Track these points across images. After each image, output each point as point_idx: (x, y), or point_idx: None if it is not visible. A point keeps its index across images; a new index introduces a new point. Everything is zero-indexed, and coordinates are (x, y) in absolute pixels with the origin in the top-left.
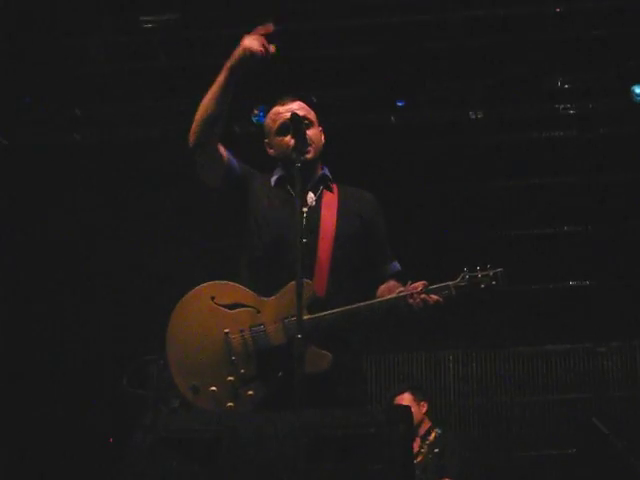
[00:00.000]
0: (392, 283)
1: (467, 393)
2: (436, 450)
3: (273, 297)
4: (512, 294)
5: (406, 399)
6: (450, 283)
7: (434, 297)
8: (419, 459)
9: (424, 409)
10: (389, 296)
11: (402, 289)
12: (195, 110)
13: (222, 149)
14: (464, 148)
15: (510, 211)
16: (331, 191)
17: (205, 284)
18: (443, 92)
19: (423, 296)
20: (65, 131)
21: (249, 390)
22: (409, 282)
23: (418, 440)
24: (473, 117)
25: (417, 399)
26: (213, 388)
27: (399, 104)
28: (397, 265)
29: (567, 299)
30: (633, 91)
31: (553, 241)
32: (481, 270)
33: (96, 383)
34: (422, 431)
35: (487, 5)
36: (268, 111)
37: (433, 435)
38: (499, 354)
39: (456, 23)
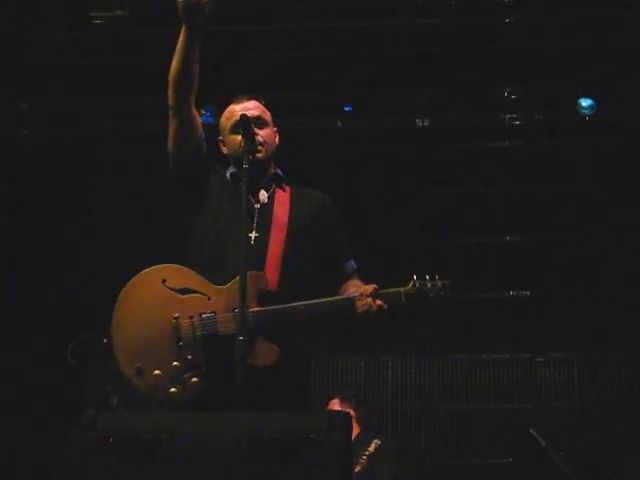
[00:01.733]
0: (353, 282)
1: (405, 400)
2: (367, 453)
3: (225, 286)
4: (452, 302)
5: (335, 405)
6: (401, 289)
7: (378, 302)
8: (357, 469)
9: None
10: (338, 296)
11: (354, 290)
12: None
13: (198, 116)
14: (410, 155)
15: (453, 219)
16: (283, 190)
17: (157, 266)
18: (390, 98)
19: (369, 300)
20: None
21: (194, 377)
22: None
23: None
24: (420, 124)
25: (344, 407)
26: (157, 372)
27: (346, 109)
28: (354, 264)
29: (507, 309)
30: (579, 104)
31: (495, 250)
32: (430, 280)
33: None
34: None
35: (437, 14)
36: (215, 112)
37: (373, 446)
38: (438, 361)
39: (406, 30)
